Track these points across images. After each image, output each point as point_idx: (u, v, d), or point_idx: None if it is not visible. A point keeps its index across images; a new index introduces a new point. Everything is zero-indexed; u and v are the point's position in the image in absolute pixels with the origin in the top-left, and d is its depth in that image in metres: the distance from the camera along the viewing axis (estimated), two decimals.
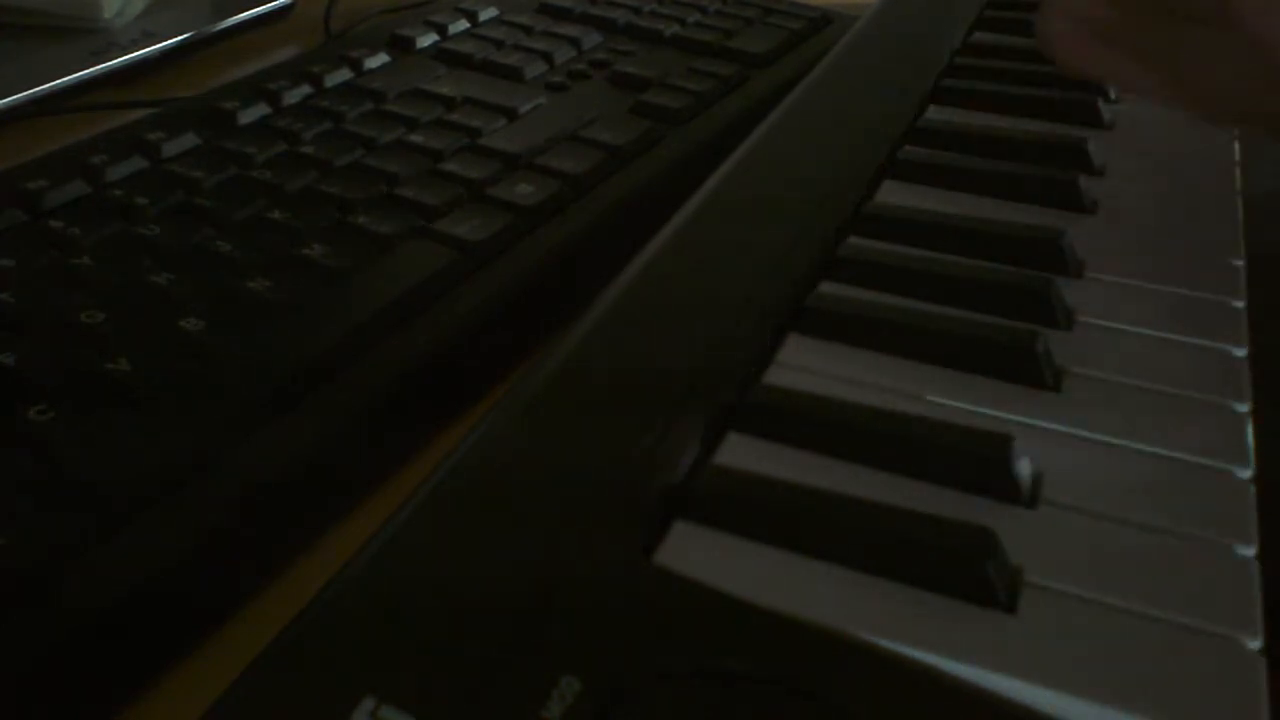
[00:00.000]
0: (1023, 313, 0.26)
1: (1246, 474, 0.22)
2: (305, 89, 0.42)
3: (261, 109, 0.40)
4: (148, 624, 0.23)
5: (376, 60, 0.45)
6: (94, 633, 0.22)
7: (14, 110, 0.44)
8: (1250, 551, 0.20)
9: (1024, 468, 0.21)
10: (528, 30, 0.50)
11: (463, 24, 0.50)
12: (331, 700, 0.16)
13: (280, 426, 0.26)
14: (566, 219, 0.36)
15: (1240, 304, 0.27)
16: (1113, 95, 0.39)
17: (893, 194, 0.32)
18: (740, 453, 0.22)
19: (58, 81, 0.45)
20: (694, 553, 0.19)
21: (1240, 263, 0.29)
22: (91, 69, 0.47)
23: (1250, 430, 0.23)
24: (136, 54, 0.49)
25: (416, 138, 0.39)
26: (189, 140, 0.38)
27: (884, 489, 0.21)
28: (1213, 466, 0.22)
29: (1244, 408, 0.23)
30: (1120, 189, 0.32)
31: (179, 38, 0.50)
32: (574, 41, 0.48)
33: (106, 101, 0.47)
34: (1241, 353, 0.25)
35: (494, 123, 0.41)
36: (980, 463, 0.21)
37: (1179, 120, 0.35)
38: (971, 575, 0.19)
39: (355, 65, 0.44)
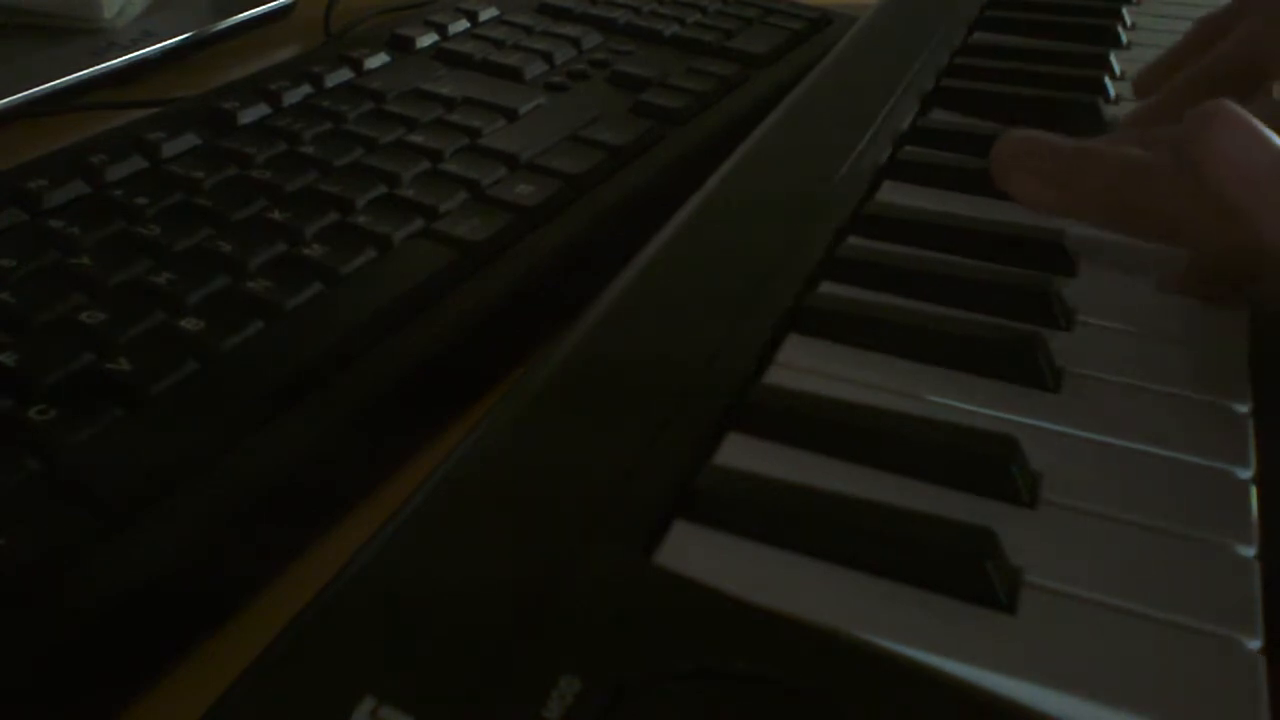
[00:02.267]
0: (1023, 313, 0.26)
1: (1246, 474, 0.22)
2: (305, 89, 0.42)
3: (261, 109, 0.40)
4: (148, 624, 0.23)
5: (376, 60, 0.45)
6: (94, 632, 0.22)
7: (14, 110, 0.44)
8: (1250, 551, 0.20)
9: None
10: (528, 30, 0.50)
11: (463, 24, 0.50)
12: (331, 700, 0.16)
13: (280, 426, 0.26)
14: (566, 219, 0.36)
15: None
16: (1112, 95, 0.39)
17: (893, 194, 0.32)
18: (740, 453, 0.22)
19: (58, 81, 0.45)
20: (694, 553, 0.19)
21: None
22: (91, 69, 0.47)
23: (1250, 430, 0.23)
24: (136, 54, 0.49)
25: (416, 138, 0.39)
26: (189, 140, 0.38)
27: (884, 489, 0.21)
28: (1213, 466, 0.22)
29: (1244, 408, 0.23)
30: None
31: (179, 38, 0.50)
32: (574, 41, 0.48)
33: (106, 101, 0.47)
34: (1242, 352, 0.25)
35: (494, 123, 0.41)
36: (980, 463, 0.21)
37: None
38: (971, 575, 0.19)
39: (355, 65, 0.44)
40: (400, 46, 0.47)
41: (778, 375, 0.24)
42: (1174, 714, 0.17)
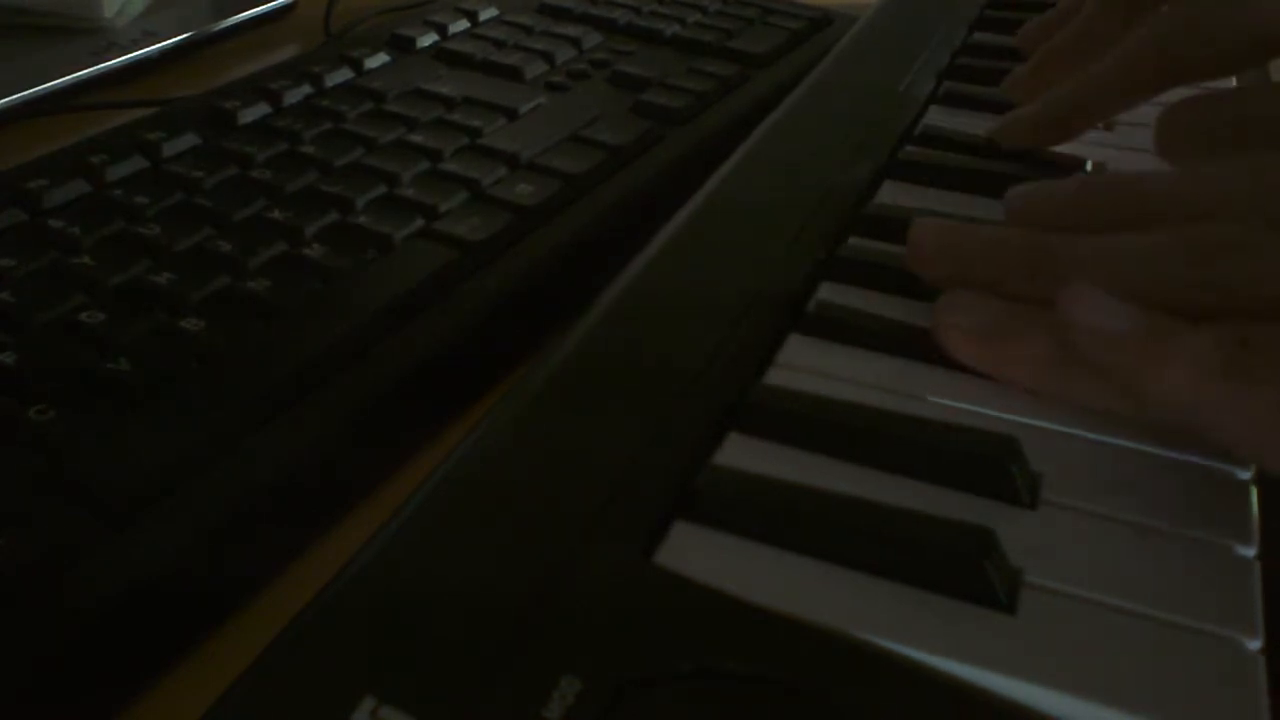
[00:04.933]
0: None
1: (1246, 474, 0.22)
2: (305, 89, 0.42)
3: (261, 109, 0.40)
4: (148, 624, 0.23)
5: (376, 60, 0.45)
6: (94, 632, 0.22)
7: (14, 110, 0.44)
8: (1250, 551, 0.20)
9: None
10: (528, 30, 0.50)
11: (463, 24, 0.50)
12: (331, 700, 0.16)
13: (280, 426, 0.26)
14: (566, 219, 0.36)
15: None
16: None
17: (893, 194, 0.32)
18: (740, 453, 0.22)
19: (58, 81, 0.45)
20: (694, 553, 0.19)
21: None
22: (91, 69, 0.47)
23: None
24: (136, 54, 0.49)
25: (417, 137, 0.39)
26: (189, 140, 0.38)
27: (884, 489, 0.21)
28: (1213, 467, 0.22)
29: None
30: None
31: (179, 38, 0.50)
32: (574, 41, 0.48)
33: (106, 101, 0.47)
34: None
35: (494, 123, 0.41)
36: (980, 463, 0.21)
37: None
38: (971, 575, 0.19)
39: (355, 65, 0.44)
40: (400, 46, 0.47)
41: (778, 375, 0.24)
42: (1174, 714, 0.17)
